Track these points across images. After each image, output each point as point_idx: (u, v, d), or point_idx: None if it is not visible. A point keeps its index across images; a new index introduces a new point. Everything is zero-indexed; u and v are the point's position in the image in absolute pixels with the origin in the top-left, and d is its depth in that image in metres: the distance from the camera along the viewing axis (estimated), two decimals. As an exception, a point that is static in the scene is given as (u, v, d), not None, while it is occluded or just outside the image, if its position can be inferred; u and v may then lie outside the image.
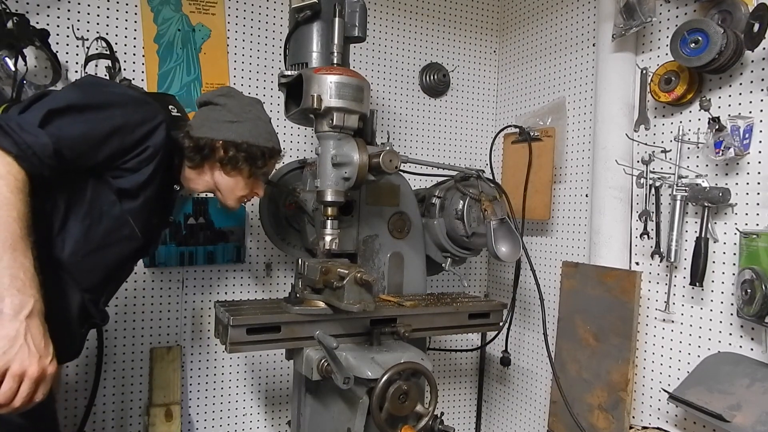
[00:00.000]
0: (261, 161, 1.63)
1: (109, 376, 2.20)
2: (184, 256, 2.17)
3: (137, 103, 1.44)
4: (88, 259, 1.44)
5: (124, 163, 1.41)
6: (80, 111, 1.33)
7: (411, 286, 2.05)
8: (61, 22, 2.06)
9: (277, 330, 1.65)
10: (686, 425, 1.83)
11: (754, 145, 1.65)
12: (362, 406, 1.60)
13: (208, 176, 1.63)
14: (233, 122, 1.59)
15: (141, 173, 1.44)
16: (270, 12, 2.39)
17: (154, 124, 1.43)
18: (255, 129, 1.62)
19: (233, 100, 1.63)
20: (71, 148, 1.30)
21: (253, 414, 2.46)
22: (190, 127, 1.59)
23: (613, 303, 1.95)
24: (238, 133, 1.59)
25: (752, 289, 1.53)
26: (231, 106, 1.62)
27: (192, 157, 1.58)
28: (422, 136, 2.74)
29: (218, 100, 1.62)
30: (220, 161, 1.60)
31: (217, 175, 1.62)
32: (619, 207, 2.00)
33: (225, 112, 1.60)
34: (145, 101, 1.47)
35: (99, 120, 1.34)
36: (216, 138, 1.57)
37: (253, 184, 1.69)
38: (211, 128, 1.58)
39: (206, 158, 1.59)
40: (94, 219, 1.43)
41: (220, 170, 1.61)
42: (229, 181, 1.63)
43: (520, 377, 2.64)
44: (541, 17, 2.58)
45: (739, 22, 1.65)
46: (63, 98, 1.33)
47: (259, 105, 1.70)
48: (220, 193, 1.67)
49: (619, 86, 2.00)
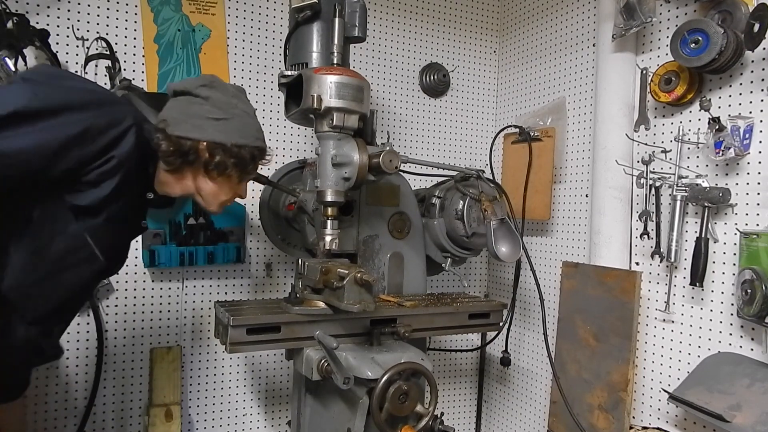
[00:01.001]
0: (251, 165, 1.45)
1: (109, 376, 2.20)
2: (184, 256, 2.17)
3: (101, 103, 1.22)
4: (37, 288, 1.26)
5: (83, 176, 1.20)
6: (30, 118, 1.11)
7: (411, 286, 2.05)
8: (61, 22, 2.06)
9: (277, 330, 1.65)
10: (686, 425, 1.83)
11: (754, 145, 1.65)
12: (362, 406, 1.60)
13: (188, 181, 1.42)
14: (219, 120, 1.37)
15: (102, 187, 1.23)
16: (270, 12, 2.39)
17: (120, 129, 1.22)
18: (244, 127, 1.42)
19: (217, 92, 1.41)
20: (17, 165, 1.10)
21: (253, 414, 2.46)
22: (166, 123, 1.35)
23: (613, 303, 1.95)
24: (225, 134, 1.37)
25: (752, 289, 1.53)
26: (216, 100, 1.39)
27: (171, 161, 1.36)
28: (422, 136, 2.74)
29: (200, 91, 1.39)
30: (206, 166, 1.38)
31: (201, 181, 1.41)
32: (619, 207, 2.00)
33: (209, 107, 1.38)
34: (110, 100, 1.26)
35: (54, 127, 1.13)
36: (200, 139, 1.35)
37: (238, 187, 1.51)
38: (193, 126, 1.35)
39: (189, 163, 1.37)
40: (43, 241, 1.23)
41: (205, 176, 1.40)
42: (213, 187, 1.42)
43: (520, 377, 2.64)
44: (541, 17, 2.58)
45: (739, 22, 1.64)
46: (8, 102, 1.10)
47: (243, 95, 1.50)
48: (201, 198, 1.47)
49: (619, 86, 2.00)
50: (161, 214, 2.15)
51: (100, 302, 2.15)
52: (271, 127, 2.40)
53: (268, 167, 2.32)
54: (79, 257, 1.29)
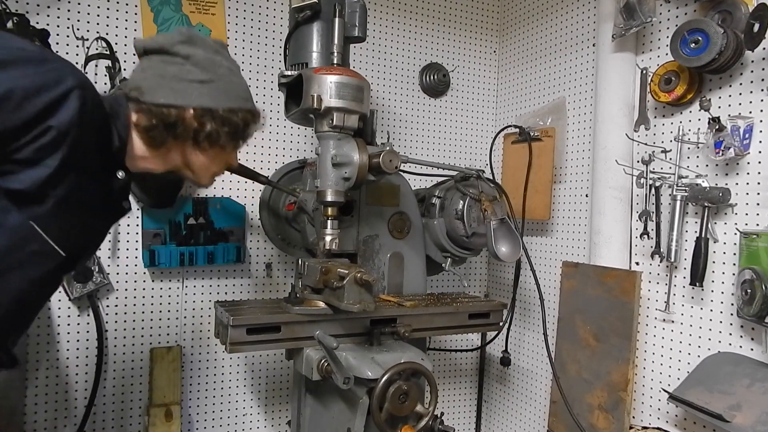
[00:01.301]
0: (245, 131, 1.29)
1: (109, 376, 2.20)
2: (184, 256, 2.17)
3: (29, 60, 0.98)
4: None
5: (13, 153, 0.98)
6: None
7: (411, 286, 2.05)
8: (61, 22, 2.06)
9: (277, 330, 1.65)
10: (686, 425, 1.83)
11: (754, 145, 1.65)
12: (362, 406, 1.60)
13: (175, 155, 1.26)
14: (204, 82, 1.20)
15: (42, 166, 1.01)
16: (270, 12, 2.39)
17: (58, 92, 0.99)
18: (232, 88, 1.25)
19: (198, 48, 1.22)
20: None
21: (253, 414, 2.46)
22: (138, 91, 1.17)
23: (613, 303, 1.95)
24: (213, 97, 1.20)
25: (752, 289, 1.53)
26: (197, 58, 1.20)
27: (154, 136, 1.19)
28: (422, 136, 2.74)
29: (179, 49, 1.19)
30: (195, 137, 1.21)
31: (190, 154, 1.25)
32: (619, 207, 2.00)
33: (190, 68, 1.19)
34: (43, 58, 1.02)
35: None
36: (185, 106, 1.18)
37: (230, 156, 1.36)
38: (174, 91, 1.17)
39: (175, 135, 1.20)
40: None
41: (194, 148, 1.24)
42: (204, 160, 1.27)
43: (520, 377, 2.64)
44: (541, 17, 2.58)
45: (739, 22, 1.65)
46: None
47: (225, 50, 1.32)
48: (190, 173, 1.31)
49: (619, 86, 2.00)
50: (161, 214, 2.16)
51: (100, 302, 2.15)
52: (271, 127, 2.40)
53: (268, 168, 2.34)
54: (27, 253, 1.07)
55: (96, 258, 2.10)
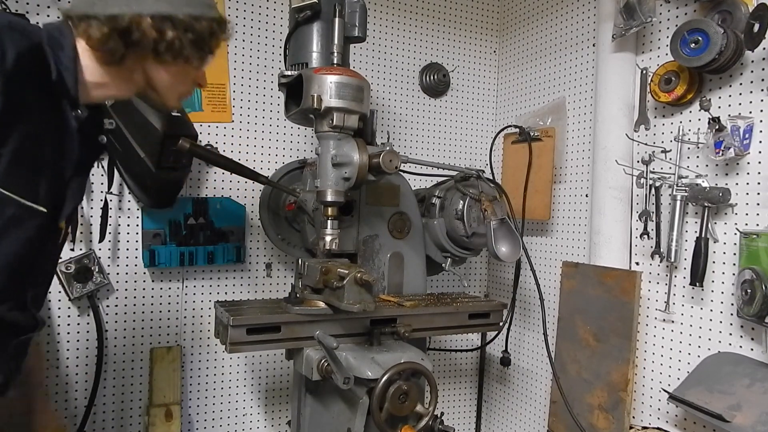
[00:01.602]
0: (211, 40, 1.16)
1: (109, 376, 2.20)
2: (184, 256, 2.17)
3: None
4: None
5: None
6: None
7: (411, 286, 2.05)
8: (61, 22, 2.06)
9: (277, 330, 1.65)
10: (686, 425, 1.83)
11: (754, 145, 1.65)
12: (362, 406, 1.60)
13: (136, 74, 1.14)
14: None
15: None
16: (270, 12, 2.39)
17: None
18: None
19: None
20: None
21: (253, 414, 2.46)
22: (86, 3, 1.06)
23: (613, 303, 1.95)
24: (171, 3, 1.08)
25: (752, 289, 1.53)
26: None
27: (110, 49, 1.06)
28: (422, 136, 2.74)
29: None
30: (155, 48, 1.09)
31: (152, 69, 1.14)
32: (619, 207, 2.00)
33: None
34: None
35: None
36: (141, 13, 1.05)
37: (196, 73, 1.23)
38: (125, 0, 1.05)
39: (132, 45, 1.07)
40: None
41: (155, 62, 1.12)
42: (168, 76, 1.16)
43: (520, 377, 2.64)
44: (541, 17, 2.58)
45: (739, 22, 1.65)
46: None
47: None
48: (155, 92, 1.20)
49: (619, 86, 2.00)
50: (161, 214, 2.16)
51: (100, 302, 2.15)
52: (271, 127, 2.40)
53: (268, 168, 2.34)
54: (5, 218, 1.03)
55: (96, 258, 2.10)
